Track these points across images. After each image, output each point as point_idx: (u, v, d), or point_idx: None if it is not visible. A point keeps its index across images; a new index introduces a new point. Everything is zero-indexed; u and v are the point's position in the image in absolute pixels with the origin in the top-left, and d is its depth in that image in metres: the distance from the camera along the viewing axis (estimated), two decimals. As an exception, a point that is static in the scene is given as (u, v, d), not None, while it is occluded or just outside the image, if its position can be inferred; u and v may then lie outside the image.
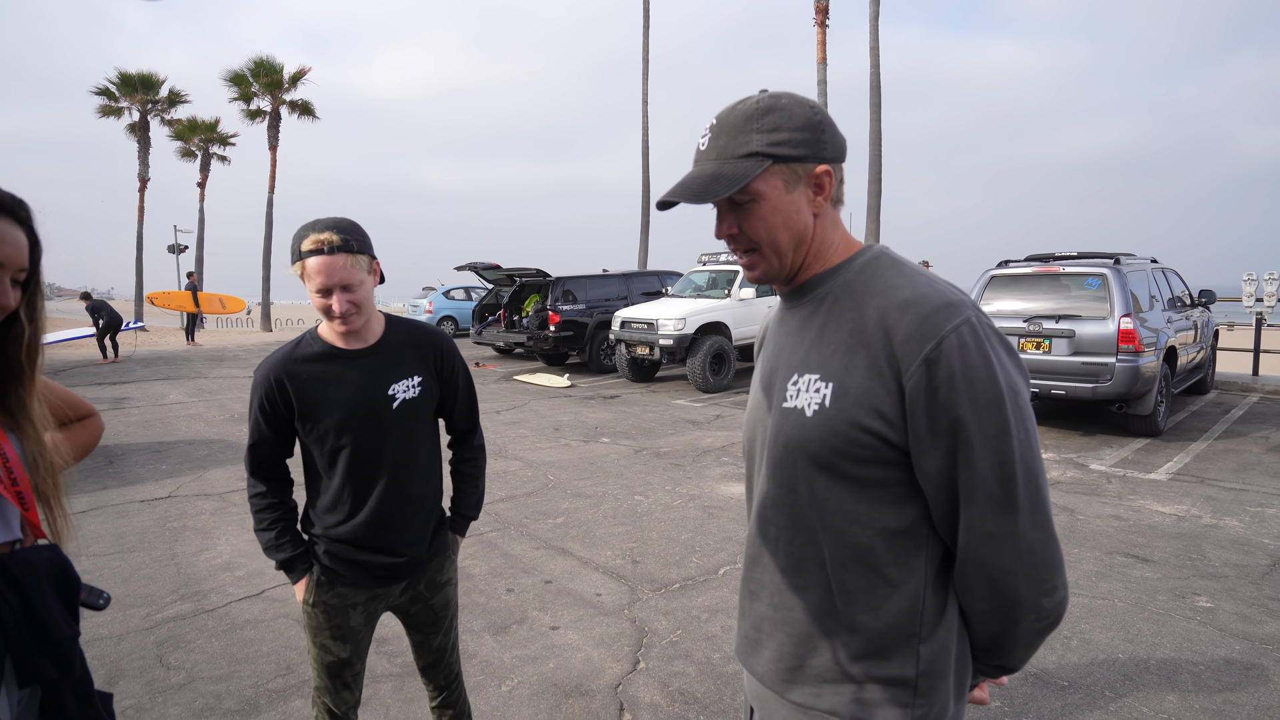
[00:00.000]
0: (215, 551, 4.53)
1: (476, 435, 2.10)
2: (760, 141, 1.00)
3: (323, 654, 1.89)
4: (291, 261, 1.71)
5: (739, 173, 0.99)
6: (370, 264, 1.75)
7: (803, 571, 1.04)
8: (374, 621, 1.95)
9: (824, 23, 16.96)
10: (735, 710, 2.82)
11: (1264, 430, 7.70)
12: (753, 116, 1.01)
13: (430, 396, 1.90)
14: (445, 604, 2.03)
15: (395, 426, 1.82)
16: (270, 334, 24.27)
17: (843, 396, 0.97)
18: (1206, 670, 3.05)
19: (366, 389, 1.79)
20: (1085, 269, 7.23)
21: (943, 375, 0.91)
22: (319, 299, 1.69)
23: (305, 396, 1.76)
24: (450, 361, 1.96)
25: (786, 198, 1.02)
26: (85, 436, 1.56)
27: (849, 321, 1.01)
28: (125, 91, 25.81)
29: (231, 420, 8.83)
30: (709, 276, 12.62)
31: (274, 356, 1.80)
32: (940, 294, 0.96)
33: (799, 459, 1.01)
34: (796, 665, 1.06)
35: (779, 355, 1.11)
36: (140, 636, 3.41)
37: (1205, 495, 5.49)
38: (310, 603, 1.87)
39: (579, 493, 5.78)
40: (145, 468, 6.58)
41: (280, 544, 1.85)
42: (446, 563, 2.02)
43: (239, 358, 15.89)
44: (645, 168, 22.84)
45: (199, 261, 27.66)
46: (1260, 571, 4.06)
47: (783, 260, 1.06)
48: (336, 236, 1.66)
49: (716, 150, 1.03)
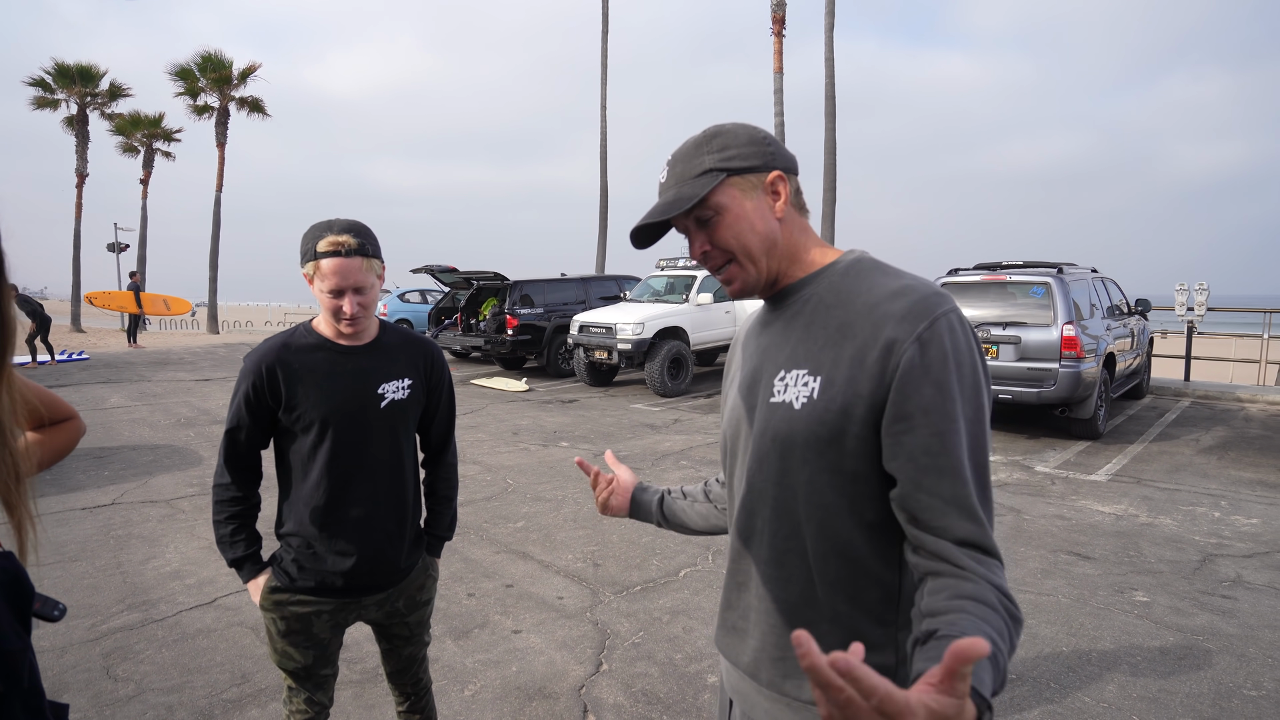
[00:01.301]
0: (163, 559, 4.40)
1: (449, 452, 2.10)
2: (712, 160, 1.08)
3: (283, 659, 1.85)
4: (304, 261, 1.71)
5: (696, 189, 1.07)
6: (380, 269, 1.78)
7: (785, 563, 1.07)
8: (342, 630, 1.92)
9: (781, 33, 17.24)
10: (699, 709, 2.86)
11: (1195, 433, 8.09)
12: (702, 143, 1.10)
13: (417, 401, 1.91)
14: (420, 621, 2.02)
15: (380, 426, 1.82)
16: (217, 336, 23.55)
17: (830, 387, 1.00)
18: (1144, 661, 3.20)
19: (357, 384, 1.80)
20: (1030, 278, 7.50)
21: (935, 353, 0.94)
22: (330, 299, 1.71)
23: (295, 386, 1.76)
24: (440, 371, 1.98)
25: (748, 204, 1.09)
26: (62, 440, 1.51)
27: (836, 318, 1.04)
28: (62, 83, 24.77)
29: (177, 425, 8.56)
30: (667, 281, 12.71)
31: (267, 344, 1.80)
32: (929, 285, 1.01)
33: (785, 452, 1.04)
34: (779, 655, 1.09)
35: (763, 355, 1.14)
36: (85, 648, 3.30)
37: (1141, 495, 5.75)
38: (267, 607, 1.83)
39: (539, 497, 5.76)
40: (86, 474, 6.34)
41: (235, 540, 1.83)
42: (428, 582, 2.02)
43: (184, 361, 15.40)
44: (604, 172, 22.86)
45: (141, 261, 26.67)
46: (1191, 567, 4.27)
47: (758, 266, 1.10)
48: (354, 240, 1.68)
49: (675, 177, 1.11)
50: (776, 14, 17.12)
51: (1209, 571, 4.20)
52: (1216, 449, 7.32)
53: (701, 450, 7.39)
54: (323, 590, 1.83)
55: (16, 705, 1.20)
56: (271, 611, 1.83)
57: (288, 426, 1.79)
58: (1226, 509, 5.37)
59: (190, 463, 6.81)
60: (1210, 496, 5.68)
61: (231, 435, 1.81)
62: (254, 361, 1.77)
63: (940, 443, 0.94)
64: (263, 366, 1.76)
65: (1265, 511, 5.30)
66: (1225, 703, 2.88)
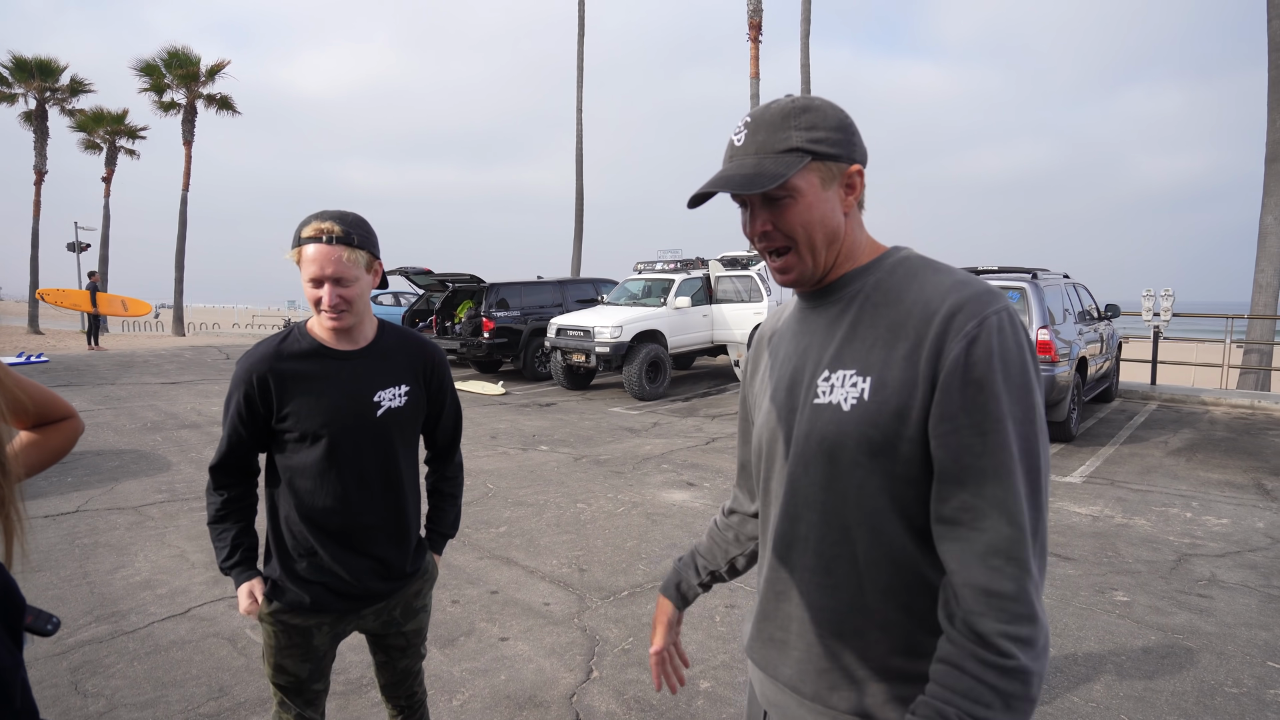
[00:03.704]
0: (133, 569, 4.25)
1: (456, 454, 2.05)
2: (800, 138, 1.01)
3: (277, 674, 1.78)
4: (291, 246, 1.65)
5: (780, 167, 1.00)
6: (371, 262, 1.69)
7: (834, 570, 1.04)
8: (338, 642, 1.86)
9: (757, 38, 17.37)
10: (692, 716, 2.82)
11: (1163, 435, 8.27)
12: (790, 114, 1.03)
13: (416, 409, 1.84)
14: (418, 630, 1.96)
15: (377, 435, 1.75)
16: (183, 339, 23.02)
17: (882, 389, 0.97)
18: (1128, 660, 3.24)
19: (352, 393, 1.73)
20: (1005, 283, 7.61)
21: (981, 351, 0.92)
22: (310, 289, 1.64)
23: (287, 396, 1.69)
24: (440, 375, 1.90)
25: (822, 195, 1.03)
26: (59, 440, 1.44)
27: (885, 316, 1.01)
28: (20, 77, 24.05)
29: (144, 429, 8.32)
30: (644, 285, 12.69)
31: (258, 351, 1.72)
32: (981, 283, 0.98)
33: (834, 456, 1.00)
34: (826, 667, 1.05)
35: (804, 355, 1.09)
36: (51, 663, 3.16)
37: (1116, 496, 5.85)
38: (266, 620, 1.76)
39: (520, 501, 5.69)
40: (48, 480, 6.12)
41: (230, 542, 1.76)
42: (425, 587, 1.95)
43: (149, 364, 15.01)
44: (579, 175, 22.80)
45: (104, 261, 25.98)
46: (1168, 566, 4.35)
47: (816, 260, 1.06)
48: (339, 227, 1.62)
49: (755, 145, 1.03)
50: (753, 19, 17.25)
51: (1185, 571, 4.27)
52: (1185, 451, 7.49)
53: (682, 454, 7.37)
54: (323, 602, 1.76)
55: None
56: (270, 624, 1.76)
57: (280, 435, 1.72)
58: (1198, 509, 5.48)
59: (158, 468, 6.62)
60: (1181, 497, 5.80)
61: (228, 442, 1.75)
62: (244, 370, 1.70)
63: (983, 443, 0.91)
64: (254, 376, 1.69)
65: (1234, 512, 5.42)
66: (1209, 700, 2.92)
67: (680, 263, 12.56)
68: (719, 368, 14.77)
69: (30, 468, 1.44)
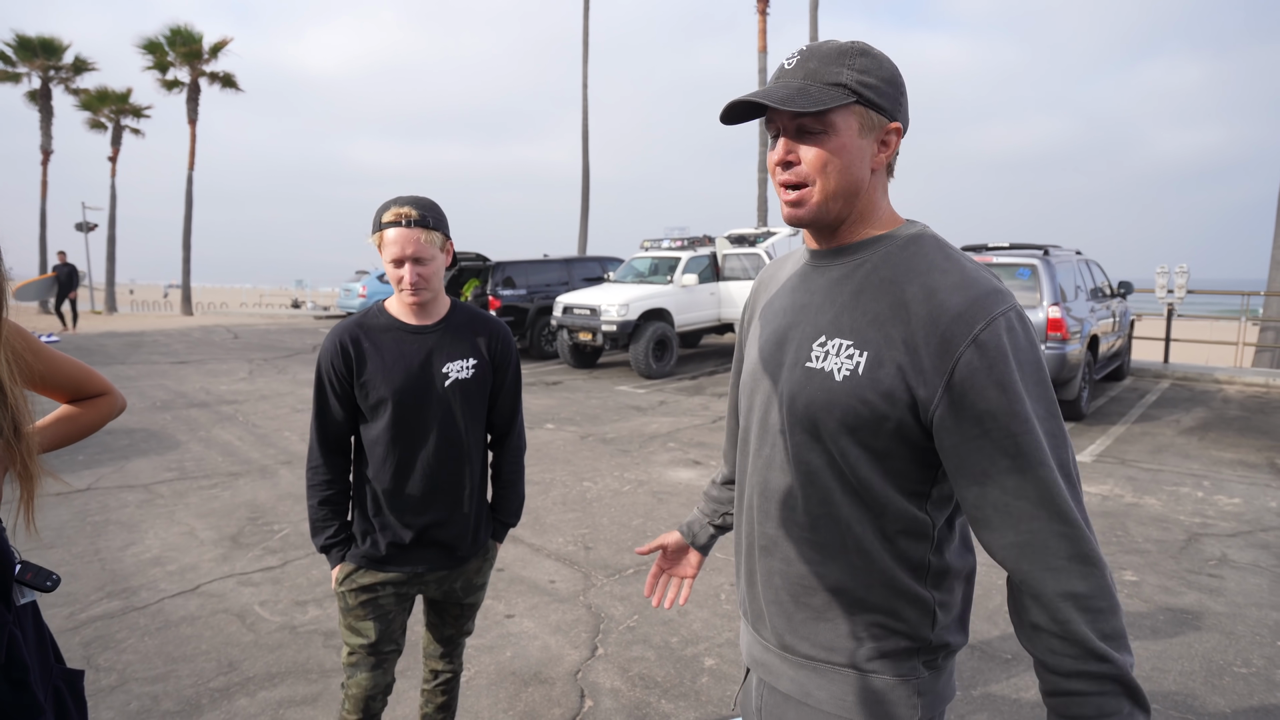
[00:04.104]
0: (143, 546, 4.29)
1: (515, 435, 2.11)
2: (850, 77, 0.99)
3: (349, 635, 1.91)
4: (371, 231, 1.81)
5: (824, 97, 0.98)
6: (444, 243, 1.84)
7: (818, 528, 1.06)
8: (408, 604, 1.97)
9: (765, 10, 17.09)
10: (696, 692, 2.83)
11: (1175, 414, 8.20)
12: (845, 53, 1.01)
13: (483, 382, 1.94)
14: (474, 605, 2.09)
15: (444, 405, 1.87)
16: (191, 318, 23.12)
17: (877, 367, 0.97)
18: (1135, 640, 3.22)
19: (422, 363, 1.85)
20: (1017, 259, 7.52)
21: (995, 353, 0.92)
22: (393, 269, 1.79)
23: (365, 363, 1.84)
24: (506, 350, 2.00)
25: (856, 141, 1.01)
26: (93, 415, 1.51)
27: (889, 294, 1.00)
28: (24, 56, 23.98)
29: (153, 408, 8.37)
30: (651, 263, 12.61)
31: (342, 323, 1.89)
32: (989, 280, 0.98)
33: (820, 420, 1.01)
34: (811, 617, 1.08)
35: (800, 313, 1.09)
36: (64, 637, 3.20)
37: (1126, 476, 5.81)
38: (340, 582, 1.89)
39: (526, 479, 5.69)
40: (59, 458, 6.16)
41: (325, 525, 1.90)
42: (485, 565, 2.07)
43: (158, 343, 15.08)
44: (585, 152, 22.63)
45: (111, 241, 26.02)
46: (1178, 546, 4.32)
47: (829, 206, 1.03)
48: (415, 211, 1.76)
49: (805, 72, 1.00)
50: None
51: (1195, 551, 4.25)
52: (1197, 430, 7.43)
53: (689, 432, 7.36)
54: (388, 561, 1.89)
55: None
56: (342, 586, 1.90)
57: (360, 406, 1.86)
58: (1209, 489, 5.44)
59: (168, 447, 6.66)
60: (1193, 477, 5.76)
61: (319, 414, 1.88)
62: (331, 338, 1.86)
63: (1015, 444, 0.91)
64: (338, 341, 1.84)
65: (1246, 491, 5.38)
66: (1217, 680, 2.90)
67: (687, 240, 12.46)
68: (726, 346, 14.72)
69: (60, 439, 1.48)
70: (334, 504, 1.91)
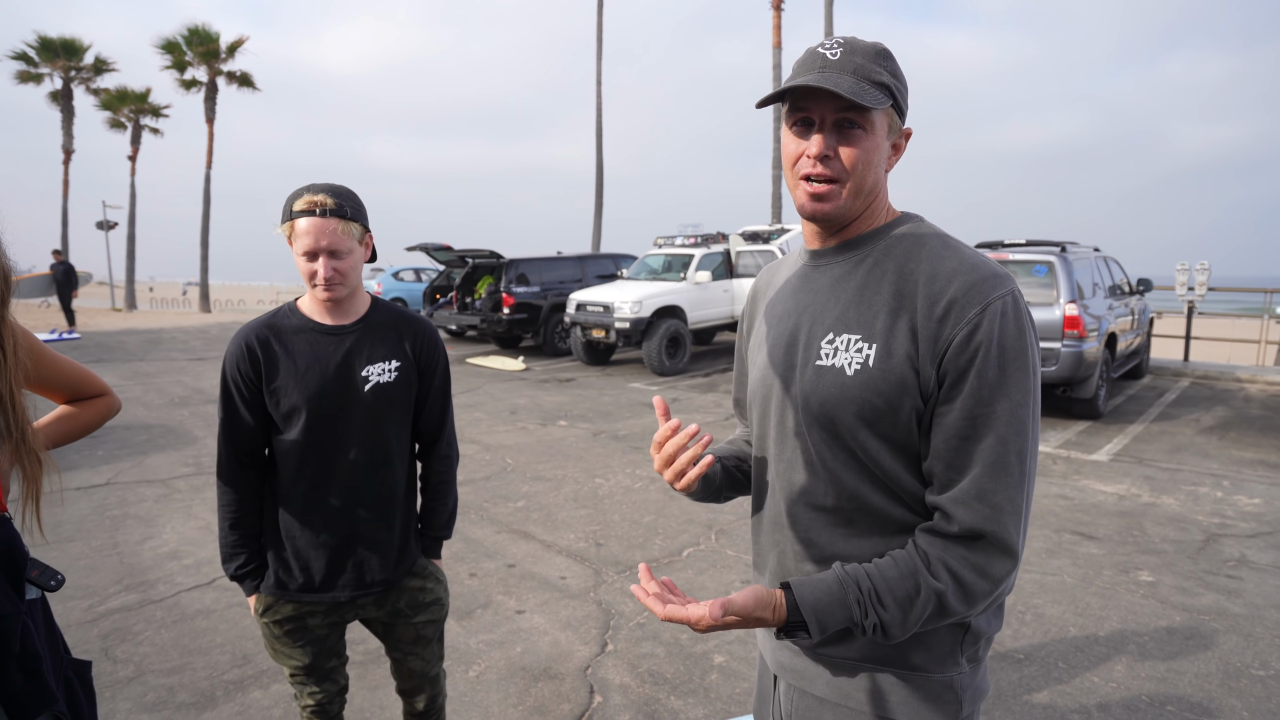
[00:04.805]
0: (160, 540, 4.35)
1: (444, 443, 1.93)
2: (888, 79, 1.02)
3: (282, 659, 1.80)
4: (281, 221, 1.63)
5: (878, 96, 0.99)
6: (362, 235, 1.67)
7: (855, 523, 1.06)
8: (340, 628, 1.84)
9: (779, 6, 17.00)
10: (706, 689, 2.83)
11: (1195, 413, 8.09)
12: (880, 55, 1.02)
13: (407, 385, 1.78)
14: (431, 622, 1.90)
15: (364, 411, 1.71)
16: (209, 315, 23.37)
17: (887, 358, 0.98)
18: (1150, 641, 3.19)
19: (339, 367, 1.70)
20: (1033, 256, 7.44)
21: (982, 338, 0.94)
22: (304, 263, 1.62)
23: (274, 367, 1.68)
24: (433, 351, 1.84)
25: (884, 142, 1.04)
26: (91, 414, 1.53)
27: (891, 285, 1.02)
28: (45, 57, 24.30)
29: (171, 404, 8.48)
30: (664, 260, 12.60)
31: (249, 324, 1.73)
32: (988, 264, 0.99)
33: (836, 417, 1.02)
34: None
35: (806, 312, 1.10)
36: (83, 630, 3.25)
37: (1143, 475, 5.74)
38: (261, 613, 1.77)
39: (538, 476, 5.72)
40: (80, 453, 6.27)
41: (235, 552, 1.74)
42: (429, 583, 1.90)
43: (177, 340, 15.27)
44: (599, 149, 22.63)
45: (130, 239, 26.33)
46: (1195, 546, 4.27)
47: (853, 203, 1.04)
48: (331, 199, 1.59)
49: (852, 66, 1.00)
50: (776, -12, 16.87)
51: (1213, 551, 4.19)
52: (1217, 429, 7.32)
53: (702, 430, 7.35)
54: (305, 591, 1.74)
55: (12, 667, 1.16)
56: (264, 617, 1.76)
57: (272, 414, 1.70)
58: (1229, 489, 5.37)
59: (185, 442, 6.74)
60: (1212, 476, 5.68)
61: (227, 428, 1.72)
62: (235, 342, 1.70)
63: (972, 427, 0.94)
64: (243, 344, 1.68)
65: (1267, 491, 5.30)
66: (1234, 683, 2.87)
67: (701, 237, 12.44)
68: (740, 344, 14.66)
69: (60, 437, 1.50)
70: (245, 526, 1.73)
